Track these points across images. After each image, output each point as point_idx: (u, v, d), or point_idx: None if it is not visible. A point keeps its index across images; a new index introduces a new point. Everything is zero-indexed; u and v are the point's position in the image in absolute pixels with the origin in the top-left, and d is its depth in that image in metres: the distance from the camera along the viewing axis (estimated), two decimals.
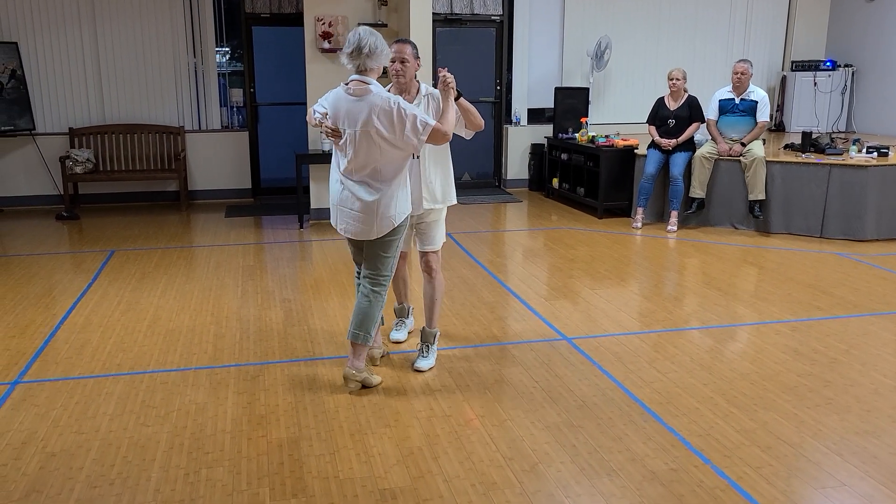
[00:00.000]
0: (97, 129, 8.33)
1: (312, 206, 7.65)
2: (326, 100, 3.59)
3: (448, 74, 3.54)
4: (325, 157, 7.36)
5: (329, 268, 5.91)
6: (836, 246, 6.55)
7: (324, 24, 7.28)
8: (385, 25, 7.40)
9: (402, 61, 3.60)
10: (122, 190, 8.59)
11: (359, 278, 3.78)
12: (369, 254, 3.63)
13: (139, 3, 8.29)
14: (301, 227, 7.39)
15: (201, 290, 5.30)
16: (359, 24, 4.19)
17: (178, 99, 8.62)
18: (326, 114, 3.53)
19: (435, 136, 3.42)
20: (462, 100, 3.64)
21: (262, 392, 3.62)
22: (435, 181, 3.82)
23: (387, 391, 3.64)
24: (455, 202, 3.95)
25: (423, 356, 3.93)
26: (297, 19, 8.23)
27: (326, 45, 7.30)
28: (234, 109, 9.07)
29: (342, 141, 3.49)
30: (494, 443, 3.14)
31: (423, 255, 3.91)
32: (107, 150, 8.37)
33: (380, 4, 7.36)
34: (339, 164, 3.57)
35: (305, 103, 7.48)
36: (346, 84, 3.47)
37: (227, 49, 9.01)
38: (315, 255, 6.36)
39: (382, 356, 4.02)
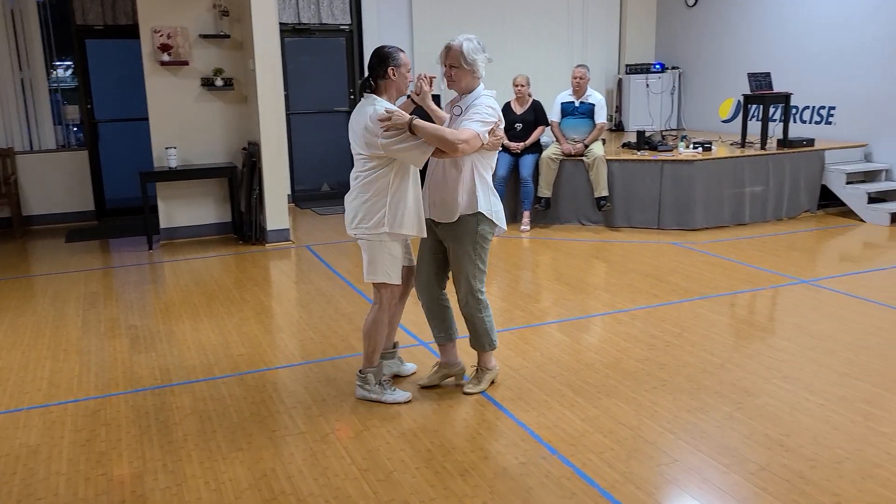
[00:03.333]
0: None
1: (162, 225, 7.31)
2: (495, 109, 3.59)
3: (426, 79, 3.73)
4: (171, 175, 7.06)
5: (180, 289, 5.67)
6: (672, 236, 7.04)
7: (162, 35, 6.98)
8: (228, 37, 7.20)
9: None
10: None
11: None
12: None
13: None
14: (150, 248, 7.04)
15: (36, 322, 4.94)
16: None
17: (4, 118, 7.98)
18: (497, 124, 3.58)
19: None
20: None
21: (102, 427, 3.42)
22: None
23: (240, 413, 3.55)
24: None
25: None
26: (133, 31, 7.83)
27: (166, 57, 7.01)
28: (71, 127, 8.51)
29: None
30: (350, 455, 3.14)
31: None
32: None
33: (221, 15, 7.15)
34: (487, 172, 3.69)
35: (147, 119, 7.14)
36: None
37: (68, 63, 8.44)
38: (166, 277, 6.08)
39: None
